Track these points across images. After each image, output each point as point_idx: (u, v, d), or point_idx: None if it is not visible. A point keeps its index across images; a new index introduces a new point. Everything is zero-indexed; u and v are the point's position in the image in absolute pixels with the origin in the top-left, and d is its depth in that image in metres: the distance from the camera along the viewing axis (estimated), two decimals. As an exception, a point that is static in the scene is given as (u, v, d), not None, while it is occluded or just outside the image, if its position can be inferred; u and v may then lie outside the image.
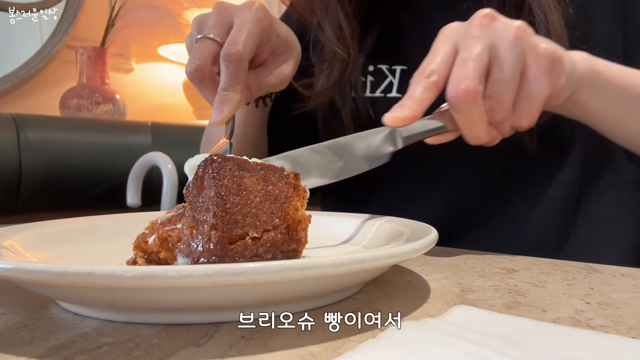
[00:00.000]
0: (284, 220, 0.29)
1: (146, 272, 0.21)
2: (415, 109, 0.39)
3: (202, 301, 0.24)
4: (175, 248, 0.29)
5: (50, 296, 0.29)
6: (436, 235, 0.31)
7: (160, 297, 0.24)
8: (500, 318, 0.24)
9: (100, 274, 0.21)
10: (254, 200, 0.28)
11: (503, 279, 0.34)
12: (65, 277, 0.21)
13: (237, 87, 0.44)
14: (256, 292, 0.24)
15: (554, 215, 0.58)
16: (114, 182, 1.08)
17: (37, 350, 0.22)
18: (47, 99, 1.67)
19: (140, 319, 0.25)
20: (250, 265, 0.22)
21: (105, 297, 0.24)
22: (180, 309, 0.25)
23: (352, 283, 0.29)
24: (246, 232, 0.27)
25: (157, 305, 0.25)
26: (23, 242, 0.34)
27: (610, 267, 0.37)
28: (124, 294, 0.24)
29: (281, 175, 0.30)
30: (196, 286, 0.22)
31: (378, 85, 0.64)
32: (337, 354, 0.21)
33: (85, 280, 0.21)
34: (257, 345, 0.22)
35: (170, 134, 1.22)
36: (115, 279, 0.21)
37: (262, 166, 0.30)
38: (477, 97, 0.37)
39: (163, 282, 0.21)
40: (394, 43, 0.65)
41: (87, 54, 1.56)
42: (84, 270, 0.21)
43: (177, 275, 0.21)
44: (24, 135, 1.00)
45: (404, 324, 0.23)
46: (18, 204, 0.99)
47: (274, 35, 0.48)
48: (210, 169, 0.28)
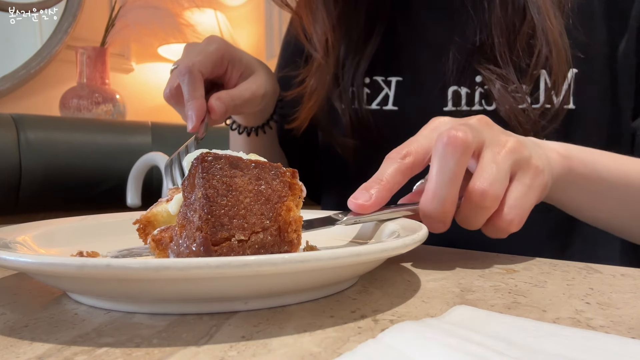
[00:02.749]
0: (275, 222, 0.29)
1: (159, 264, 0.22)
2: (381, 197, 0.37)
3: (208, 292, 0.25)
4: (168, 248, 0.30)
5: (67, 289, 0.29)
6: (426, 232, 0.32)
7: (172, 287, 0.25)
8: (500, 318, 0.24)
9: (117, 266, 0.22)
10: (243, 201, 0.28)
11: (503, 279, 0.34)
12: (84, 270, 0.23)
13: (195, 94, 0.52)
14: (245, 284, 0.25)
15: (550, 239, 0.58)
16: (114, 182, 1.08)
17: (37, 350, 0.22)
18: (47, 99, 1.67)
19: (152, 309, 0.26)
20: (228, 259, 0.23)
21: (119, 289, 0.25)
22: (187, 299, 0.26)
23: (346, 276, 0.30)
24: (232, 235, 0.27)
25: (167, 296, 0.26)
26: (36, 239, 0.35)
27: (610, 267, 0.37)
28: (136, 285, 0.25)
29: (277, 173, 0.30)
30: (203, 277, 0.23)
31: (374, 98, 0.65)
32: (337, 354, 0.21)
33: (103, 272, 0.23)
34: (257, 345, 0.22)
35: (170, 134, 1.22)
36: (129, 271, 0.22)
37: (257, 164, 0.29)
38: None
39: (173, 274, 0.22)
40: (390, 55, 0.65)
41: (87, 54, 1.56)
42: (102, 263, 0.22)
43: (186, 266, 0.22)
44: (24, 135, 1.00)
45: (404, 324, 0.23)
46: (18, 204, 0.99)
47: (237, 60, 0.58)
48: (200, 168, 0.28)
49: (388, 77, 0.64)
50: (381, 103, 0.64)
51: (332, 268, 0.26)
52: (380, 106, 0.64)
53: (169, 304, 0.26)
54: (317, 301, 0.28)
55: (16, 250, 0.30)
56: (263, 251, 0.28)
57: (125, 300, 0.27)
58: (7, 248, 0.29)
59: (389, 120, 0.64)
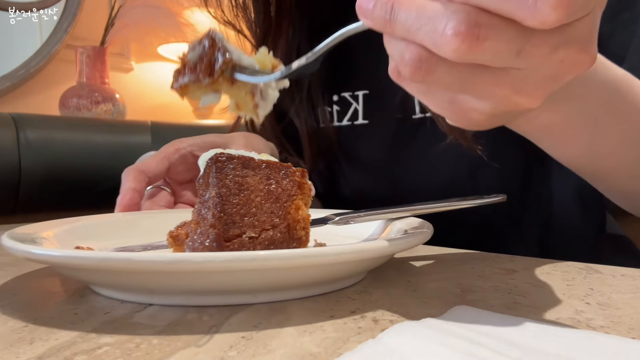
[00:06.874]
0: (284, 220, 0.30)
1: (175, 258, 0.24)
2: None
3: (219, 285, 0.27)
4: (184, 244, 0.32)
5: (92, 282, 0.31)
6: (431, 230, 0.34)
7: (187, 280, 0.26)
8: (500, 318, 0.24)
9: (139, 260, 0.24)
10: (254, 200, 0.29)
11: (503, 279, 0.34)
12: (108, 263, 0.24)
13: None
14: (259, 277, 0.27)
15: None
16: (113, 181, 1.07)
17: (37, 350, 0.22)
18: (46, 98, 1.67)
19: (171, 301, 0.28)
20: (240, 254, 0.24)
21: (139, 281, 0.27)
22: (201, 291, 0.27)
23: (354, 271, 0.31)
24: (243, 232, 0.28)
25: (183, 288, 0.27)
26: (57, 236, 0.36)
27: (610, 268, 0.37)
28: (155, 278, 0.26)
29: (287, 172, 0.31)
30: (215, 270, 0.25)
31: (344, 114, 0.65)
32: (337, 354, 0.21)
33: (124, 266, 0.24)
34: (257, 345, 0.22)
35: (169, 133, 1.22)
36: (149, 264, 0.24)
37: (268, 164, 0.30)
38: None
39: (189, 267, 0.24)
40: (353, 68, 0.65)
41: (86, 54, 1.56)
42: (123, 257, 0.24)
43: (201, 260, 0.24)
44: (23, 135, 1.00)
45: (404, 324, 0.23)
46: (18, 203, 0.99)
47: (191, 158, 0.55)
48: (214, 168, 0.29)
49: (355, 91, 0.64)
50: (352, 118, 0.64)
51: (338, 263, 0.27)
52: (351, 121, 0.64)
53: (185, 296, 0.27)
54: (317, 301, 0.28)
55: (42, 245, 0.32)
56: (272, 247, 0.29)
57: (144, 292, 0.28)
58: (34, 243, 0.31)
59: (360, 134, 0.64)
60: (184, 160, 0.54)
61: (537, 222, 0.58)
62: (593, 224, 0.58)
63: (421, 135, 0.59)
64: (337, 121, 0.65)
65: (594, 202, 0.57)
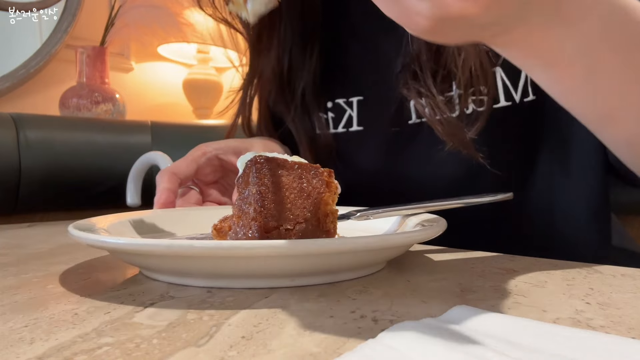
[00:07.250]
0: (315, 214, 0.34)
1: (229, 244, 0.28)
2: None
3: (261, 269, 0.31)
4: (227, 236, 0.36)
5: (150, 267, 0.34)
6: (445, 223, 0.38)
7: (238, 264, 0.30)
8: (500, 318, 0.24)
9: (200, 246, 0.28)
10: (289, 196, 0.33)
11: (503, 279, 0.34)
12: (172, 249, 0.28)
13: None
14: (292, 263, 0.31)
15: None
16: (113, 181, 1.07)
17: (37, 350, 0.22)
18: (46, 98, 1.67)
19: (222, 284, 0.32)
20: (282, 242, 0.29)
21: (194, 266, 0.31)
22: (248, 275, 0.31)
23: (375, 260, 0.35)
24: (280, 224, 0.32)
25: (236, 271, 0.31)
26: (111, 228, 0.40)
27: (610, 267, 0.37)
28: (210, 263, 0.30)
29: (316, 172, 0.35)
30: (261, 255, 0.29)
31: (339, 121, 0.65)
32: (337, 354, 0.21)
33: (188, 251, 0.28)
34: (257, 345, 0.22)
35: (170, 133, 1.22)
36: (210, 250, 0.28)
37: (299, 165, 0.34)
38: None
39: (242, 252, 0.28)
40: (348, 75, 0.65)
41: (86, 54, 1.55)
42: (187, 244, 0.28)
43: (252, 246, 0.28)
44: (23, 135, 1.00)
45: (404, 324, 0.23)
46: (18, 203, 0.99)
47: (216, 161, 0.61)
48: (254, 169, 0.33)
49: (349, 98, 0.64)
50: (346, 125, 0.64)
51: (362, 251, 0.31)
52: (346, 128, 0.64)
53: (237, 279, 0.31)
54: (317, 301, 0.28)
55: (100, 234, 0.35)
56: (304, 238, 0.33)
57: (200, 277, 0.32)
58: (96, 232, 0.35)
59: (355, 141, 0.64)
60: (210, 163, 0.60)
61: (538, 227, 0.58)
62: (597, 233, 0.57)
63: (418, 141, 0.59)
64: (333, 128, 0.65)
65: (599, 210, 0.56)
